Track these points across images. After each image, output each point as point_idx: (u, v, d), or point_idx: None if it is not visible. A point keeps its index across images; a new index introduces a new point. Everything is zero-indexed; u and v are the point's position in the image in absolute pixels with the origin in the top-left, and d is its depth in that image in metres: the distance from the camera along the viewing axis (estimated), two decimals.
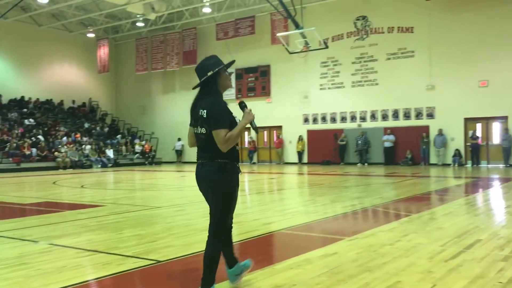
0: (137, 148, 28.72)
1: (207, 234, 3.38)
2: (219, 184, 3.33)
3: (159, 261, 4.54)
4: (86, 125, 29.26)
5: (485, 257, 4.47)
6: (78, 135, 26.92)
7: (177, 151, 29.47)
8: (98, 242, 5.48)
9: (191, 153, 29.27)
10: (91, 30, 29.43)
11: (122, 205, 9.03)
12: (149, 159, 28.48)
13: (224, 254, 3.59)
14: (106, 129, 30.06)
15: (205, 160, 3.39)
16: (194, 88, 3.47)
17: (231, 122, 3.30)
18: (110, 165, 25.72)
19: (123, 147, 28.41)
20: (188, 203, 9.29)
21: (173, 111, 30.02)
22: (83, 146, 25.69)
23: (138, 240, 5.52)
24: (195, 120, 3.39)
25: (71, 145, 25.07)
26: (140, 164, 27.67)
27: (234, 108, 3.56)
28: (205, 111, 3.29)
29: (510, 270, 4.02)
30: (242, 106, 3.47)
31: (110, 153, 26.53)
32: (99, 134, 28.76)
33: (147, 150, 28.82)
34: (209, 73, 3.35)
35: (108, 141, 28.01)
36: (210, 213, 3.39)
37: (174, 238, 5.63)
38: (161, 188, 13.58)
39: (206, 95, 3.38)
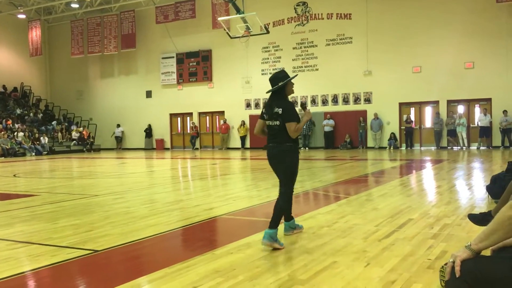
0: (74, 134, 27.70)
1: (278, 192, 4.63)
2: (286, 160, 4.57)
3: (96, 251, 4.42)
4: (18, 111, 27.83)
5: (415, 236, 4.70)
6: (10, 121, 25.57)
7: (116, 137, 28.72)
8: (31, 233, 5.25)
9: (131, 140, 28.69)
10: (21, 10, 27.84)
11: (58, 194, 8.71)
12: (87, 146, 27.57)
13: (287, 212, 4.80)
14: (40, 115, 28.73)
15: (276, 144, 4.60)
16: (267, 92, 4.70)
17: (298, 117, 4.53)
18: (45, 152, 24.69)
19: (59, 134, 27.30)
20: (127, 191, 9.09)
21: (112, 96, 29.16)
22: (16, 133, 24.45)
23: (74, 230, 5.35)
24: (270, 115, 4.57)
25: (2, 133, 23.77)
26: (77, 151, 26.73)
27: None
28: (280, 109, 4.50)
29: (439, 247, 4.25)
30: (304, 107, 4.85)
31: (44, 140, 25.43)
32: (33, 121, 27.45)
33: (85, 137, 27.87)
34: (280, 83, 4.54)
35: (43, 128, 26.81)
36: (280, 181, 4.64)
37: (112, 227, 5.50)
38: (100, 175, 13.21)
39: (278, 98, 4.61)
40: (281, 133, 4.51)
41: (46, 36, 30.54)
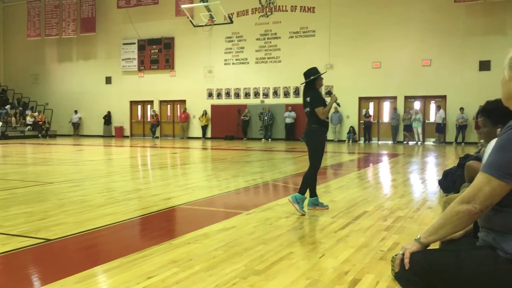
0: (29, 119, 26.77)
1: (308, 165, 5.74)
2: (311, 139, 5.69)
3: (48, 240, 4.31)
4: None
5: (370, 228, 4.83)
6: None
7: (74, 123, 27.95)
8: None
9: (89, 126, 28.02)
10: None
11: (10, 181, 8.43)
12: (43, 131, 26.72)
13: (310, 187, 5.74)
14: None
15: (307, 125, 5.73)
16: (302, 84, 5.91)
17: (324, 102, 5.62)
18: None
19: (13, 119, 26.32)
20: (84, 179, 8.89)
21: (70, 81, 28.31)
22: None
23: (26, 218, 5.20)
24: (304, 104, 5.76)
25: None
26: (32, 137, 25.86)
27: None
28: (309, 98, 5.68)
29: (391, 239, 4.38)
30: (330, 92, 6.12)
31: None
32: None
33: (41, 122, 26.98)
34: (312, 77, 5.71)
35: None
36: (309, 157, 5.73)
37: (67, 215, 5.37)
38: (55, 162, 12.85)
39: (308, 89, 5.77)
40: (311, 117, 5.66)
41: (1, 17, 29.29)
